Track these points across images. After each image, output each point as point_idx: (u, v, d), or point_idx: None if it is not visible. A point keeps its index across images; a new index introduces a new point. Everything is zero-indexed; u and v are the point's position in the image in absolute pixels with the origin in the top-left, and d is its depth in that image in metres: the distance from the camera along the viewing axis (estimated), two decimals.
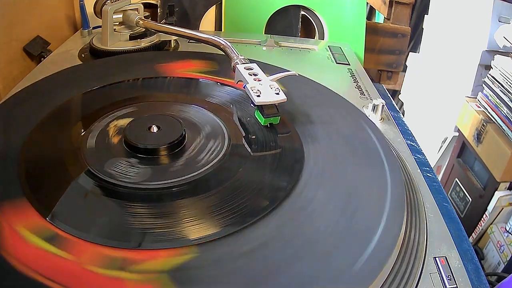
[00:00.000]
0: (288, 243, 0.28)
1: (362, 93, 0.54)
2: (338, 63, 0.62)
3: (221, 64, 0.52)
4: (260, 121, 0.40)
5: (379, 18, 1.19)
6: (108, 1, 0.57)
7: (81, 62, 0.55)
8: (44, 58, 0.58)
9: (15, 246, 0.27)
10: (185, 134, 0.37)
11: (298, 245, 0.28)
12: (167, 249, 0.27)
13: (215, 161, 0.35)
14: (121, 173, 0.34)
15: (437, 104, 1.07)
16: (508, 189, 0.80)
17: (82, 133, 0.38)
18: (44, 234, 0.28)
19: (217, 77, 0.49)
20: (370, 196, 0.33)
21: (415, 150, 0.52)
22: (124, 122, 0.39)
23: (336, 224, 0.30)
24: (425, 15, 1.13)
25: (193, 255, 0.27)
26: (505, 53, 0.83)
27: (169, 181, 0.33)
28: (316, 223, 0.30)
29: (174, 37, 0.61)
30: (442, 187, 0.46)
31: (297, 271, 0.26)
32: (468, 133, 0.88)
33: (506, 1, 0.85)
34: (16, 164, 0.34)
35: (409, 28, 0.84)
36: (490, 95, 0.83)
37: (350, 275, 0.26)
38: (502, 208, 0.80)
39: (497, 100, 0.80)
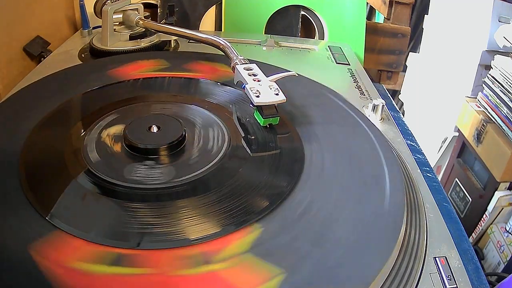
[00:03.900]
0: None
1: (362, 93, 0.54)
2: (338, 63, 0.62)
3: (170, 60, 0.52)
4: (259, 121, 0.40)
5: (379, 18, 1.19)
6: (108, 1, 0.57)
7: (81, 62, 0.55)
8: (44, 58, 0.57)
9: (85, 284, 0.24)
10: (185, 134, 0.37)
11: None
12: (234, 232, 0.28)
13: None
14: (149, 176, 0.33)
15: (437, 104, 1.07)
16: (508, 189, 0.80)
17: (82, 134, 0.38)
18: (108, 259, 0.25)
19: (171, 73, 0.49)
20: (370, 197, 0.33)
21: (415, 150, 0.52)
22: (123, 123, 0.39)
23: (336, 225, 0.30)
24: (425, 15, 1.13)
25: (259, 230, 0.29)
26: (505, 53, 0.83)
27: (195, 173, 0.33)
28: (316, 224, 0.30)
29: (174, 37, 0.61)
30: (442, 187, 0.46)
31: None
32: (468, 133, 0.88)
33: (506, 1, 0.85)
34: (18, 177, 0.31)
35: (409, 28, 0.84)
36: (490, 95, 0.83)
37: (351, 275, 0.26)
38: (502, 208, 0.80)
39: (497, 100, 0.80)
